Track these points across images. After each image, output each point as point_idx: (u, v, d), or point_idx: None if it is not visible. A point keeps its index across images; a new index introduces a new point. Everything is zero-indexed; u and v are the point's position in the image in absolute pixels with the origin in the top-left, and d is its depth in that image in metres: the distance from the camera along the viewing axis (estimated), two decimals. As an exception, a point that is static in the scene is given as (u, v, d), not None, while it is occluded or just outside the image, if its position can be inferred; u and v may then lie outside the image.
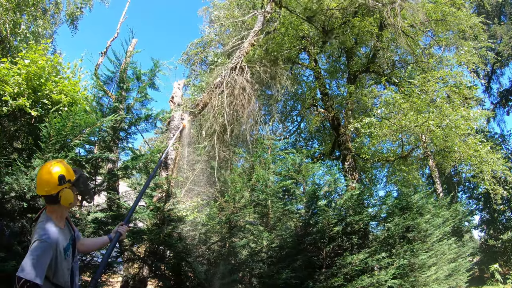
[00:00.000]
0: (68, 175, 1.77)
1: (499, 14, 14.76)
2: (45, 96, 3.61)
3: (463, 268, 7.14)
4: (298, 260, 4.09)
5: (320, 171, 5.34)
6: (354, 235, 4.69)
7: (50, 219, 1.69)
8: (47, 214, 1.72)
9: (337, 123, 10.00)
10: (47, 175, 1.73)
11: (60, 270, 1.64)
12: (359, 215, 4.61)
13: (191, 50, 11.76)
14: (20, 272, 1.46)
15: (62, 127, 3.07)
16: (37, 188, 1.74)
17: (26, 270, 1.46)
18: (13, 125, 3.61)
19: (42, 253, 1.53)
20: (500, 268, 12.44)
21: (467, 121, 6.90)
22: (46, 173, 1.73)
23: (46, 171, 1.74)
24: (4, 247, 2.64)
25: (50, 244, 1.57)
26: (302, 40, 9.75)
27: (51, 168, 1.75)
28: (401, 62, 10.46)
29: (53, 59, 3.92)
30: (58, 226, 1.70)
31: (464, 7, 8.91)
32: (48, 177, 1.72)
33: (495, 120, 15.37)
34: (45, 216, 1.71)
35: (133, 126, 4.32)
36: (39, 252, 1.52)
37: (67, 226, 1.82)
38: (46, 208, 1.76)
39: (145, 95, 4.46)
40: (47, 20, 10.88)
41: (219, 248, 4.20)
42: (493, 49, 11.32)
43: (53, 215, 1.72)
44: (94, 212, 3.47)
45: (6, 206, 2.89)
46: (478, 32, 8.67)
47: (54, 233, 1.63)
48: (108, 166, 4.53)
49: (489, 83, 15.55)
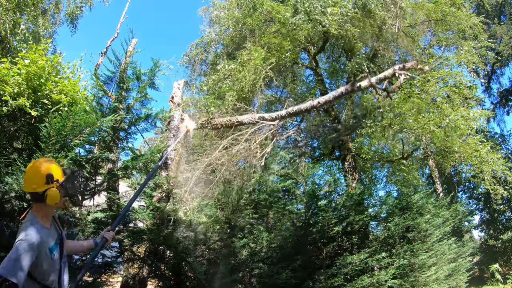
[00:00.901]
0: (57, 175, 1.75)
1: (499, 14, 14.75)
2: (45, 96, 3.61)
3: (463, 268, 7.14)
4: (298, 260, 4.09)
5: (320, 171, 5.34)
6: (354, 235, 4.69)
7: (36, 219, 1.67)
8: (33, 214, 1.70)
9: (337, 123, 10.00)
10: (35, 173, 1.72)
11: (47, 270, 1.62)
12: (359, 215, 4.61)
13: (191, 51, 11.76)
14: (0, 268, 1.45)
15: (62, 127, 3.07)
16: (24, 184, 1.74)
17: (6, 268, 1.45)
18: (13, 125, 3.60)
19: (23, 253, 1.51)
20: (500, 268, 12.44)
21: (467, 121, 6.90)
22: (35, 171, 1.73)
23: (34, 169, 1.74)
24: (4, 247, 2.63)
25: (33, 245, 1.55)
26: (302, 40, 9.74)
27: (40, 166, 1.75)
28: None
29: (53, 59, 3.92)
30: (43, 226, 1.68)
31: (464, 7, 8.90)
32: (36, 175, 1.72)
33: (495, 120, 15.35)
34: (31, 216, 1.69)
35: (133, 126, 4.32)
36: (20, 252, 1.50)
37: (53, 225, 1.80)
38: (32, 207, 1.74)
39: (145, 95, 4.46)
40: (47, 20, 10.88)
41: (219, 248, 4.20)
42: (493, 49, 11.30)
43: (39, 214, 1.71)
44: (94, 212, 3.47)
45: (6, 206, 2.90)
46: (478, 32, 8.66)
47: (38, 233, 1.60)
48: (108, 166, 4.53)
49: (489, 83, 15.54)
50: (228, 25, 10.37)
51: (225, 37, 10.66)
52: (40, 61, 3.65)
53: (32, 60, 3.63)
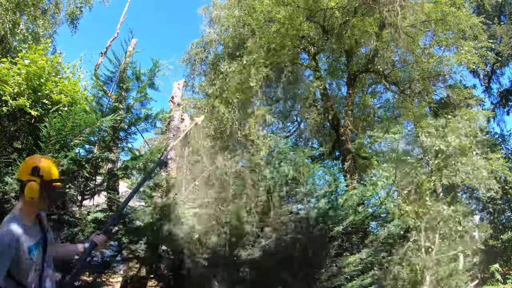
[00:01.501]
0: (45, 171, 1.70)
1: (499, 14, 14.75)
2: (45, 96, 3.61)
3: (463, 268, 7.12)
4: (298, 260, 4.09)
5: (320, 171, 5.34)
6: (354, 235, 4.69)
7: (15, 216, 1.63)
8: (14, 210, 1.67)
9: (337, 123, 10.00)
10: (26, 161, 1.75)
11: (24, 270, 1.57)
12: (359, 215, 4.61)
13: (191, 50, 11.77)
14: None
15: (62, 127, 3.07)
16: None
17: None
18: (13, 125, 3.60)
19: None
20: (500, 268, 12.43)
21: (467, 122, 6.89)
22: (27, 160, 1.76)
23: (28, 159, 1.77)
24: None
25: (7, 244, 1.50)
26: (302, 40, 9.76)
27: (33, 158, 1.77)
28: (401, 62, 10.47)
29: (53, 59, 3.93)
30: (23, 224, 1.62)
31: (464, 7, 8.91)
32: (25, 163, 1.72)
33: (495, 120, 15.35)
34: (11, 213, 1.66)
35: (133, 126, 4.32)
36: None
37: (37, 225, 1.75)
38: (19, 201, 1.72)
39: (145, 95, 4.46)
40: (47, 20, 10.89)
41: (219, 248, 4.19)
42: (493, 49, 11.30)
43: (21, 211, 1.67)
44: (94, 212, 3.47)
45: (6, 206, 2.89)
46: (478, 32, 8.66)
47: (14, 232, 1.55)
48: (108, 166, 4.53)
49: (489, 83, 15.53)
50: (228, 25, 10.39)
51: (226, 37, 10.67)
52: (40, 61, 3.65)
53: (32, 60, 3.63)
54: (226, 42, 10.51)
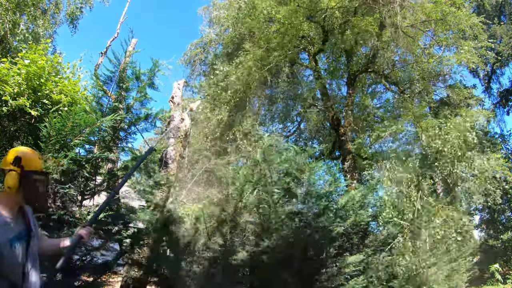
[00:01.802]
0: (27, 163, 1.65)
1: (499, 14, 14.75)
2: (45, 96, 3.61)
3: (463, 268, 7.13)
4: (298, 260, 4.08)
5: (320, 171, 5.33)
6: (354, 235, 4.69)
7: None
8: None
9: (337, 123, 10.00)
10: (11, 151, 1.69)
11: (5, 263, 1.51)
12: (359, 215, 4.60)
13: (191, 50, 11.77)
14: None
15: (62, 127, 3.07)
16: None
17: None
18: (13, 125, 3.61)
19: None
20: (500, 268, 12.43)
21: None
22: (13, 150, 1.71)
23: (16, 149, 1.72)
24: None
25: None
26: (302, 40, 9.75)
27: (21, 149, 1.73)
28: (401, 62, 10.47)
29: (53, 59, 3.93)
30: (3, 216, 1.57)
31: (464, 7, 8.91)
32: (10, 153, 1.68)
33: (495, 120, 15.34)
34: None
35: (133, 126, 4.32)
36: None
37: (20, 219, 1.68)
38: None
39: (145, 95, 4.46)
40: (47, 20, 10.89)
41: (219, 248, 4.19)
42: (493, 49, 11.30)
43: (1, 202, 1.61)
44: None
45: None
46: (478, 32, 8.66)
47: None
48: (108, 166, 4.53)
49: (489, 83, 15.54)
50: (228, 25, 10.38)
51: (225, 37, 10.67)
52: (40, 61, 3.65)
53: (32, 60, 3.63)
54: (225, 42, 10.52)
